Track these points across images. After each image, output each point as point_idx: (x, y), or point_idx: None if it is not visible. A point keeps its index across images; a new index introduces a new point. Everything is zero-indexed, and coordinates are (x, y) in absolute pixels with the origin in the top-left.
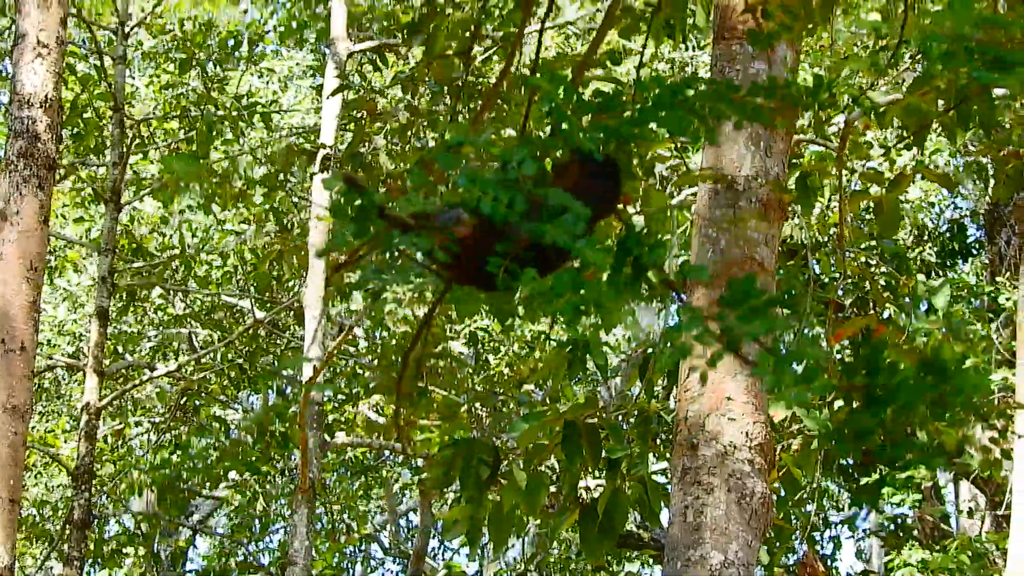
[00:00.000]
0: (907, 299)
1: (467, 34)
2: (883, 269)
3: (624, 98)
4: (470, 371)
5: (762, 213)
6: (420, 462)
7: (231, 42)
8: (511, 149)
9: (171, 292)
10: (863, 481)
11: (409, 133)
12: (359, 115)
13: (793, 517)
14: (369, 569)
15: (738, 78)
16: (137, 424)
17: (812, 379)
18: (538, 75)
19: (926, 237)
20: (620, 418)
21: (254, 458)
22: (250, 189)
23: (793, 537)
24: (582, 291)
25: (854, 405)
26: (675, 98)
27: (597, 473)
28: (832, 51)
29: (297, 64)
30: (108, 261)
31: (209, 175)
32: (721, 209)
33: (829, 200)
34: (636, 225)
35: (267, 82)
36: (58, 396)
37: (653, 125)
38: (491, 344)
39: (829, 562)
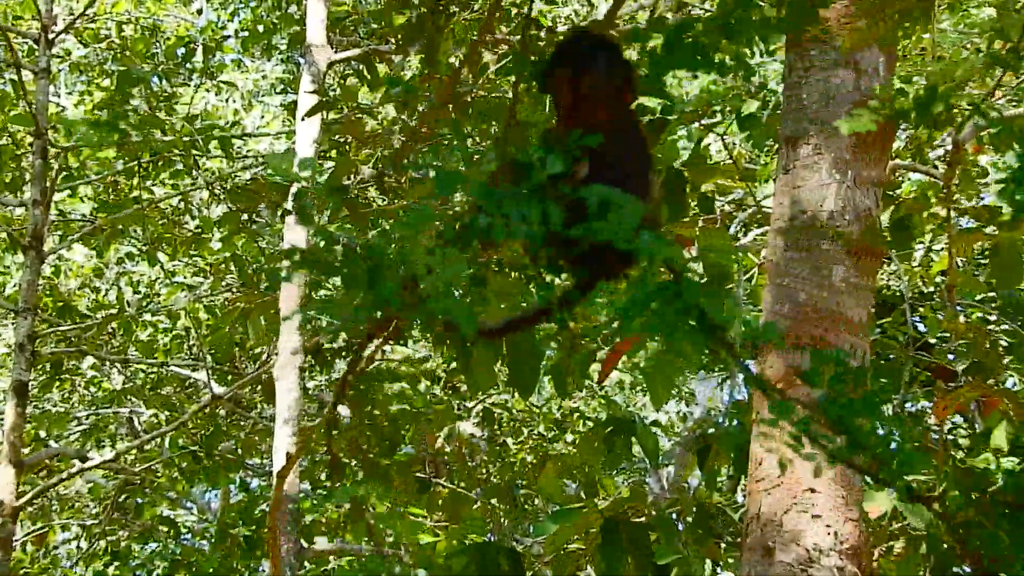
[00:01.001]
0: None
1: (476, 38)
2: (1003, 326)
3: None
4: (484, 458)
5: (850, 258)
6: (422, 574)
7: (181, 51)
8: (530, 149)
9: (107, 362)
10: None
11: (405, 161)
12: (342, 139)
13: None
14: None
15: (819, 90)
16: (64, 528)
17: (916, 466)
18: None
19: None
20: (674, 515)
21: (211, 569)
22: (206, 232)
23: None
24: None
25: (972, 497)
26: (682, 33)
27: None
28: (934, 56)
29: (264, 77)
30: (28, 324)
31: (155, 215)
32: (798, 253)
33: (933, 241)
34: (693, 272)
35: (227, 99)
36: None
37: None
38: (510, 424)
39: None
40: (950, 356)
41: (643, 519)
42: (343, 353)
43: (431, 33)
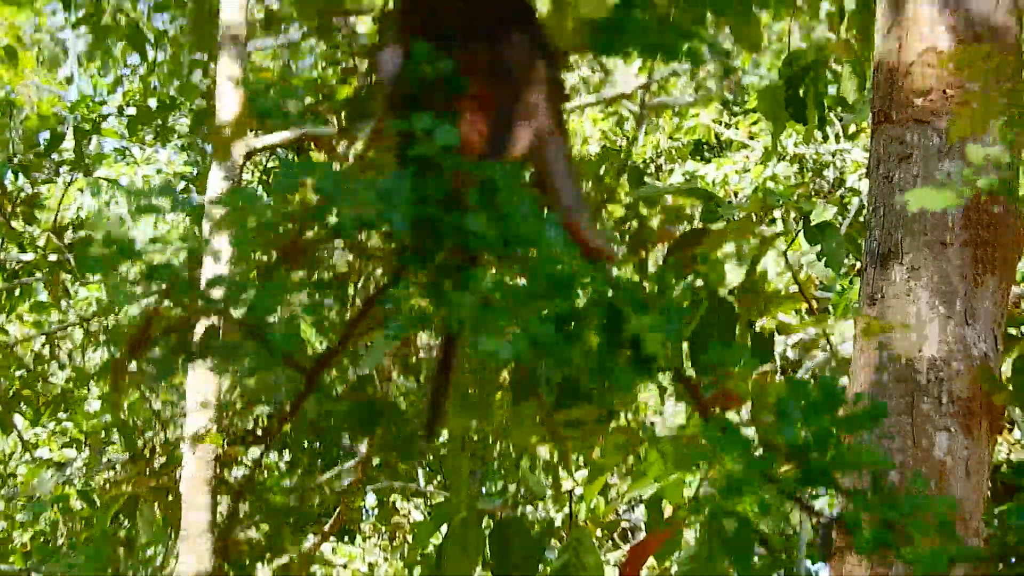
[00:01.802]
0: None
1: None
2: None
3: None
4: None
5: (958, 421)
6: None
7: (46, 135)
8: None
9: None
10: None
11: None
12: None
13: None
14: None
15: (915, 183)
16: None
17: None
18: None
19: None
20: None
21: None
22: (80, 388)
23: None
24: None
25: None
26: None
27: None
28: None
29: (159, 171)
30: None
31: (10, 363)
32: (888, 416)
33: None
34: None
35: (108, 201)
36: None
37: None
38: None
39: None
40: None
41: None
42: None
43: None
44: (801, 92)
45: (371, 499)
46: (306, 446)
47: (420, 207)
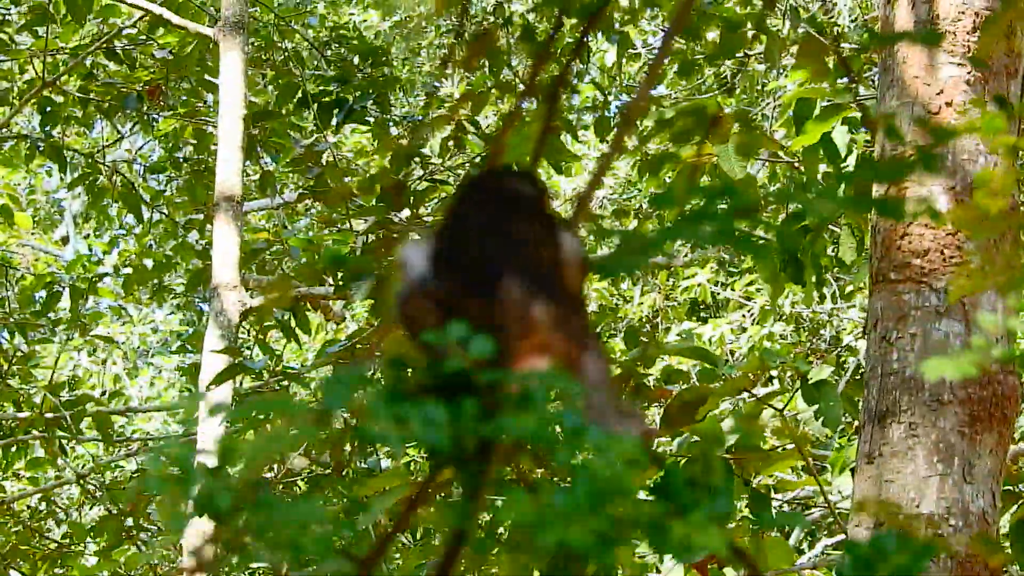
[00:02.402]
0: None
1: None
2: None
3: None
4: None
5: None
6: None
7: (42, 295)
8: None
9: None
10: None
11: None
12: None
13: None
14: None
15: (915, 345)
16: None
17: None
18: None
19: None
20: None
21: None
22: (76, 543)
23: None
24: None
25: None
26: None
27: None
28: None
29: (155, 330)
30: None
31: (6, 519)
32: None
33: None
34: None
35: (104, 361)
36: None
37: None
38: None
39: None
40: None
41: None
42: None
43: (382, 270)
44: (799, 254)
45: None
46: None
47: (458, 427)
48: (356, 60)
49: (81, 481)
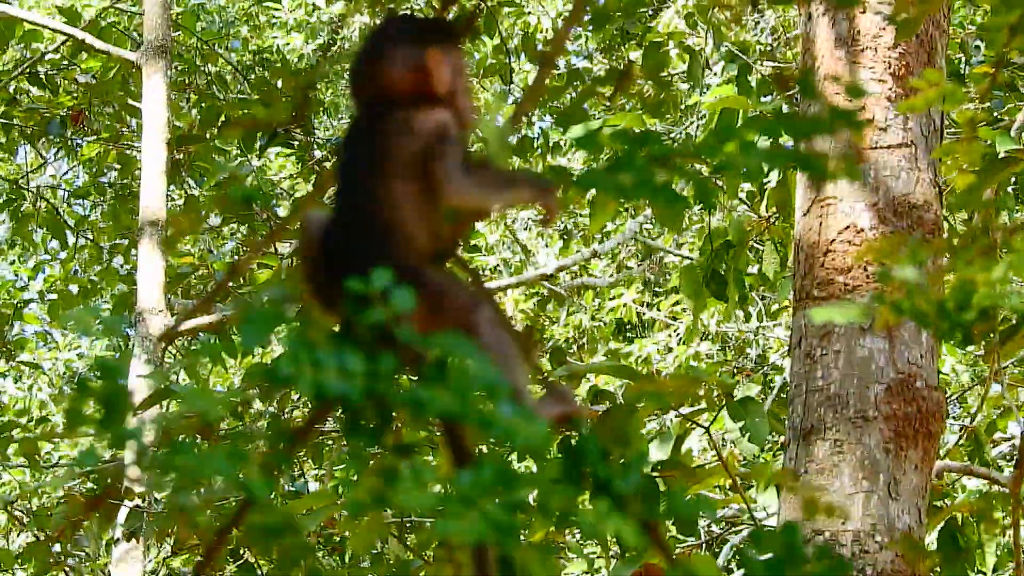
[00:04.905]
0: None
1: None
2: None
3: None
4: None
5: None
6: None
7: None
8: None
9: None
10: None
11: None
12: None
13: None
14: None
15: (839, 362)
16: None
17: None
18: None
19: None
20: None
21: None
22: (3, 573)
23: None
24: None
25: None
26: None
27: None
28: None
29: (80, 356)
30: None
31: None
32: None
33: (999, 570)
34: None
35: (30, 387)
36: None
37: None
38: None
39: None
40: None
41: None
42: None
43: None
44: (722, 270)
45: None
46: None
47: (374, 382)
48: (279, 83)
49: (8, 507)
